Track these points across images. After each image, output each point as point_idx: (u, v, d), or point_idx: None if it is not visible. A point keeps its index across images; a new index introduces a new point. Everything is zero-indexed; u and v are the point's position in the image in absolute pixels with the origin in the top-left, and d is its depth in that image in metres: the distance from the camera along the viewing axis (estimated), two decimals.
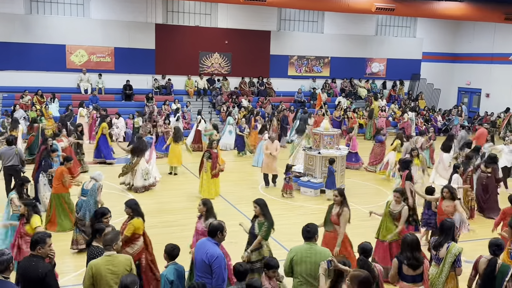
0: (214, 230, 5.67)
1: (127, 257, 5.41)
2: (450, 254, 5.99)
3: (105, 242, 5.36)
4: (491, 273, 5.74)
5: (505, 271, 5.73)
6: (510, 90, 26.72)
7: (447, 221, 6.33)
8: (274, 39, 26.42)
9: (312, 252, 5.56)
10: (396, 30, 29.24)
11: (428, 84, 29.60)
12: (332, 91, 27.41)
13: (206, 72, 25.53)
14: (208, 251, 5.50)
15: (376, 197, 13.37)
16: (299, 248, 5.67)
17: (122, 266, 5.24)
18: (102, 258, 5.30)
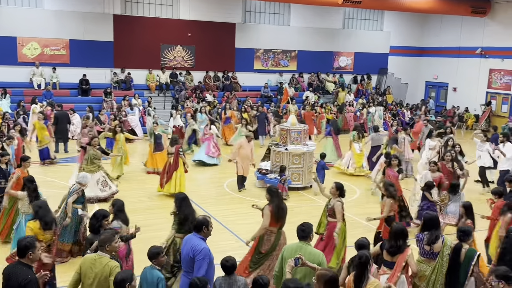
0: (200, 225, 5.65)
1: (110, 264, 5.07)
2: (446, 246, 6.06)
3: (100, 242, 5.22)
4: (456, 258, 5.90)
5: (472, 256, 5.87)
6: (477, 84, 26.65)
7: (428, 214, 6.45)
8: (239, 31, 25.57)
9: (302, 252, 5.44)
10: (363, 23, 28.82)
11: (396, 79, 29.31)
12: (299, 86, 26.79)
13: (168, 65, 24.46)
14: (193, 245, 5.49)
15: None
16: (291, 246, 5.71)
17: (100, 269, 5.03)
18: (91, 255, 5.23)
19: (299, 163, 13.13)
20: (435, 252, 6.14)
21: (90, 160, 11.30)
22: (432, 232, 6.19)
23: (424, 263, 6.24)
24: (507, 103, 25.42)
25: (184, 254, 5.64)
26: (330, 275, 4.49)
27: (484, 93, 26.43)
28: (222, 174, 14.80)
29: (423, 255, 6.29)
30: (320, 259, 5.49)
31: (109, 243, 5.19)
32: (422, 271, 6.16)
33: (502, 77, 25.54)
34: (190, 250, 5.52)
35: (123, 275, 4.67)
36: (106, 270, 5.03)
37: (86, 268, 5.11)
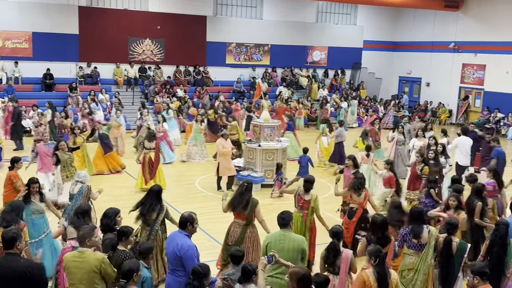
0: (185, 221, 5.58)
1: (98, 257, 5.07)
2: (432, 237, 6.22)
3: (80, 238, 5.20)
4: (447, 250, 6.14)
5: (464, 248, 6.14)
6: (450, 79, 26.65)
7: (416, 208, 6.57)
8: (211, 24, 24.90)
9: (285, 239, 5.72)
10: (336, 17, 28.50)
11: (370, 74, 29.12)
12: (272, 81, 26.31)
13: (136, 59, 23.62)
14: (178, 243, 5.44)
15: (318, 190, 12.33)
16: (273, 235, 5.88)
17: (88, 264, 5.00)
18: (73, 252, 5.25)
19: (273, 159, 12.73)
20: (423, 244, 6.24)
21: (67, 165, 10.50)
22: (415, 225, 6.28)
23: (413, 255, 6.30)
24: (479, 98, 25.48)
25: (170, 252, 5.53)
26: (303, 272, 4.55)
27: (457, 88, 26.46)
28: (193, 172, 14.33)
29: (411, 247, 6.33)
30: (303, 245, 5.75)
31: (89, 237, 5.18)
32: (411, 263, 6.26)
33: (475, 71, 25.57)
34: (175, 248, 5.43)
35: (131, 265, 4.74)
36: (96, 264, 5.03)
37: (70, 267, 5.09)
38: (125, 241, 5.63)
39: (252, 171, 12.74)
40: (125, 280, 4.67)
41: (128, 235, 5.65)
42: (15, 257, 4.86)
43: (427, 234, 6.21)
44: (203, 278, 4.72)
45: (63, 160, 10.47)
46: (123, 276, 4.69)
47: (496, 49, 24.06)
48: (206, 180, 13.42)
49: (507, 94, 23.63)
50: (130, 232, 5.69)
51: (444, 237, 6.22)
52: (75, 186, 8.11)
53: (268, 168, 12.73)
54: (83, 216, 6.33)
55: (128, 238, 5.64)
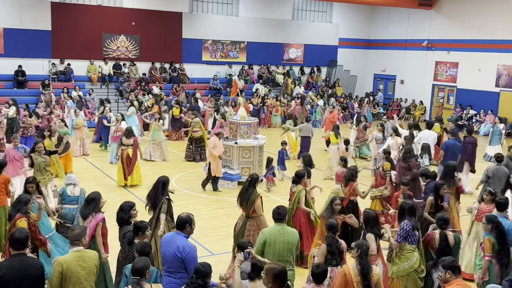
0: (183, 223, 5.53)
1: (95, 252, 5.32)
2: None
3: (73, 238, 5.19)
4: (446, 245, 6.21)
5: (460, 241, 6.39)
6: (423, 76, 27.05)
7: (406, 203, 6.62)
8: (186, 21, 24.71)
9: (284, 233, 5.85)
10: (312, 14, 28.61)
11: (345, 71, 29.35)
12: (249, 78, 26.28)
13: (111, 56, 23.28)
14: (179, 245, 5.37)
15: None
16: (271, 229, 5.97)
17: (91, 261, 5.16)
18: (71, 254, 5.16)
19: (249, 157, 12.74)
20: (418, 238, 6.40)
21: (40, 169, 9.77)
22: (413, 219, 6.40)
23: (415, 250, 6.32)
24: (452, 95, 25.93)
25: (169, 254, 5.43)
26: (279, 268, 4.58)
27: (430, 85, 26.86)
28: (170, 170, 14.07)
29: (413, 242, 6.32)
30: (297, 237, 5.98)
31: (84, 236, 5.29)
32: (418, 259, 6.27)
33: (448, 69, 26.00)
34: (176, 249, 5.36)
35: (143, 262, 4.80)
36: (96, 258, 5.24)
37: (72, 268, 5.05)
38: (141, 235, 5.78)
39: (229, 169, 12.71)
40: (138, 277, 4.71)
41: (144, 229, 5.81)
42: (26, 257, 4.91)
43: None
44: (206, 277, 4.74)
45: (37, 164, 9.79)
46: (136, 273, 4.73)
47: (468, 47, 24.51)
48: (184, 178, 13.33)
49: (479, 91, 24.11)
50: (146, 227, 5.86)
51: (439, 232, 6.32)
52: (73, 189, 7.87)
53: (245, 165, 12.71)
54: (90, 203, 6.64)
55: (144, 233, 5.80)
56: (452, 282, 4.99)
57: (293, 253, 5.88)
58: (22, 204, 6.47)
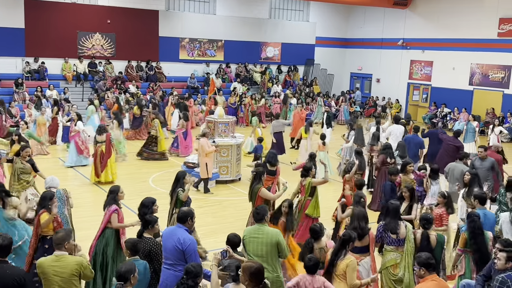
0: (185, 216, 5.65)
1: (77, 260, 5.06)
2: (409, 231, 6.39)
3: (56, 241, 5.08)
4: (427, 244, 6.26)
5: (443, 241, 6.41)
6: (399, 75, 27.41)
7: (391, 203, 6.63)
8: (163, 19, 24.52)
9: (260, 233, 5.80)
10: (289, 13, 28.70)
11: (322, 70, 29.54)
12: (227, 77, 26.22)
13: (86, 54, 22.95)
14: (180, 237, 5.46)
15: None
16: (249, 228, 6.06)
17: (68, 268, 4.96)
18: (49, 257, 5.09)
19: (227, 155, 12.68)
20: (401, 239, 6.39)
21: (16, 176, 9.16)
22: (391, 221, 6.45)
23: (393, 251, 6.42)
24: (427, 93, 26.34)
25: (170, 247, 5.50)
26: (255, 266, 4.59)
27: (405, 84, 27.23)
28: (146, 169, 14.06)
29: (390, 243, 6.46)
30: (277, 238, 5.76)
31: (68, 240, 5.14)
32: (393, 259, 6.38)
33: (422, 68, 26.40)
34: (177, 242, 5.44)
35: (127, 267, 4.72)
36: (77, 267, 5.01)
37: (47, 272, 4.98)
38: (151, 229, 5.90)
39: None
40: (122, 282, 4.63)
41: (154, 223, 5.93)
42: (6, 265, 4.81)
43: (404, 229, 6.38)
44: (197, 277, 4.74)
45: (15, 168, 9.21)
46: (120, 279, 4.64)
47: (442, 46, 24.92)
48: (160, 177, 13.22)
49: (453, 89, 24.55)
50: (155, 221, 5.96)
51: (421, 232, 6.37)
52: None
53: (223, 164, 12.68)
54: (109, 195, 6.83)
55: (153, 227, 5.92)
56: (426, 278, 5.09)
57: (273, 254, 5.75)
58: (47, 200, 6.48)
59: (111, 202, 6.76)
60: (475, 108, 23.25)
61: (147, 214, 6.29)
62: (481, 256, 6.34)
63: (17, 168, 9.21)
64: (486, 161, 10.01)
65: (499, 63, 22.73)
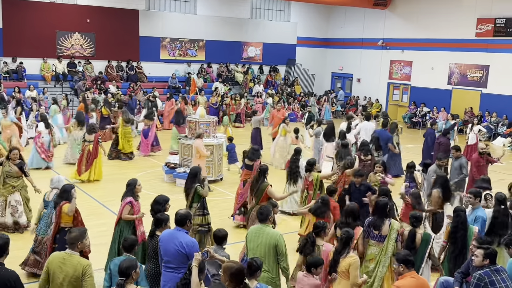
0: (184, 219, 5.66)
1: (82, 263, 4.99)
2: (393, 230, 6.45)
3: (70, 240, 5.11)
4: (412, 242, 6.37)
5: (428, 239, 6.40)
6: (379, 75, 27.68)
7: (380, 201, 6.68)
8: (143, 19, 24.36)
9: (260, 233, 5.85)
10: (270, 13, 28.77)
11: (303, 69, 29.67)
12: (208, 76, 26.16)
13: (65, 54, 22.68)
14: (182, 241, 5.47)
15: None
16: (252, 228, 6.10)
17: (72, 268, 4.93)
18: (61, 253, 5.12)
19: (209, 155, 12.62)
20: (383, 236, 6.48)
21: (2, 179, 8.80)
22: (377, 217, 6.54)
23: (375, 246, 6.54)
24: (407, 93, 26.65)
25: (172, 251, 5.49)
26: (236, 267, 4.57)
27: (386, 83, 27.51)
28: (126, 170, 13.92)
29: (373, 238, 6.57)
30: (277, 241, 5.76)
31: (81, 240, 5.14)
32: (373, 254, 6.50)
33: (402, 68, 26.71)
34: (179, 246, 5.45)
35: (128, 263, 4.76)
36: (79, 269, 4.94)
37: (54, 267, 5.00)
38: (164, 227, 6.01)
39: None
40: (124, 279, 4.66)
41: (166, 222, 6.06)
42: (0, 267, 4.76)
43: (388, 227, 6.45)
44: (200, 273, 4.82)
45: (3, 171, 8.82)
46: (121, 275, 4.69)
47: (421, 46, 25.25)
48: (142, 178, 13.10)
49: (432, 89, 24.89)
50: (167, 219, 6.09)
51: (409, 230, 6.50)
52: (50, 193, 7.56)
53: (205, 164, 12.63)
54: (126, 188, 7.09)
55: (166, 225, 6.05)
56: (405, 274, 5.15)
57: (271, 255, 5.75)
58: (68, 192, 6.71)
59: (128, 194, 7.00)
60: (454, 107, 23.60)
61: (160, 211, 6.39)
62: (454, 249, 6.57)
63: (3, 171, 8.86)
64: (457, 161, 10.38)
65: (477, 62, 23.11)
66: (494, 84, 22.50)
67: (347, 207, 6.73)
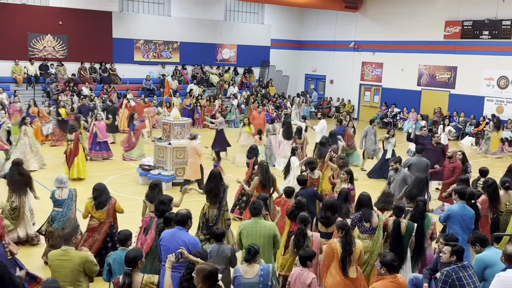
0: (185, 218, 5.83)
1: (81, 256, 5.34)
2: (381, 221, 6.75)
3: (64, 237, 5.40)
4: (397, 232, 6.67)
5: (411, 229, 6.70)
6: (351, 76, 28.16)
7: (363, 195, 6.92)
8: (117, 21, 24.26)
9: (257, 226, 6.25)
10: (244, 16, 28.98)
11: (277, 71, 29.96)
12: (183, 78, 26.20)
13: (37, 56, 22.43)
14: (185, 239, 5.62)
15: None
16: (246, 222, 6.44)
17: (71, 263, 5.26)
18: (57, 251, 5.42)
19: (183, 157, 12.75)
20: (374, 227, 6.69)
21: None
22: (366, 210, 6.75)
23: (367, 239, 6.69)
24: (378, 94, 27.19)
25: (174, 250, 5.44)
26: (208, 269, 4.54)
27: (357, 85, 28.01)
28: (101, 172, 13.87)
29: (364, 232, 6.73)
30: (274, 231, 6.27)
31: (74, 235, 5.47)
32: (367, 247, 6.60)
33: (373, 69, 27.24)
34: (183, 244, 5.54)
35: (135, 253, 5.04)
36: (77, 261, 5.30)
37: (55, 264, 5.34)
38: (172, 225, 6.16)
39: (163, 170, 12.71)
40: (130, 268, 4.95)
41: (174, 221, 6.15)
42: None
43: (377, 218, 6.73)
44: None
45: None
46: (128, 264, 4.97)
47: (392, 48, 25.81)
48: (116, 180, 13.15)
49: (402, 90, 25.47)
50: (175, 219, 6.18)
51: (393, 220, 6.77)
52: (61, 192, 7.78)
53: (179, 166, 12.74)
54: (154, 188, 7.44)
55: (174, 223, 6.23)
56: (386, 277, 5.21)
57: (269, 246, 6.26)
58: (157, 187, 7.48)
59: (160, 194, 7.42)
60: (423, 108, 24.21)
61: (166, 211, 6.60)
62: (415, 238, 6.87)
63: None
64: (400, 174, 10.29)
65: (445, 64, 23.76)
66: (462, 85, 23.17)
67: (326, 202, 6.98)
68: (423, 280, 6.01)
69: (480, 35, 22.22)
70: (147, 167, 12.95)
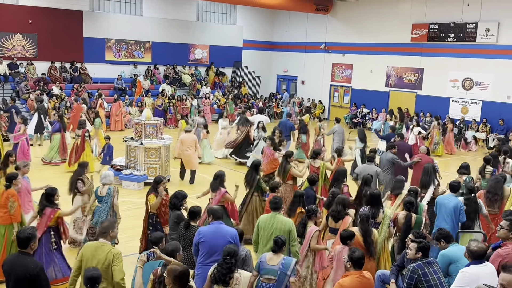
0: (220, 213, 6.25)
1: (113, 251, 5.26)
2: (386, 217, 7.19)
3: (102, 230, 5.43)
4: (409, 226, 6.99)
5: (420, 222, 7.08)
6: (322, 77, 28.62)
7: (374, 192, 7.36)
8: (87, 20, 24.08)
9: (274, 221, 6.51)
10: (217, 16, 29.12)
11: (250, 72, 30.20)
12: (155, 78, 26.18)
13: (6, 55, 22.10)
14: (228, 233, 5.94)
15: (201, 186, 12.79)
16: (265, 216, 6.74)
17: (102, 256, 5.21)
18: (94, 243, 5.42)
19: (156, 157, 12.84)
20: (378, 223, 7.16)
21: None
22: (374, 210, 7.20)
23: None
24: (348, 94, 27.72)
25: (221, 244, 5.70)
26: (179, 270, 4.52)
27: (328, 85, 28.49)
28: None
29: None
30: (290, 226, 6.47)
31: (112, 229, 5.46)
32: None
33: (343, 70, 27.76)
34: (230, 238, 5.88)
35: (173, 246, 5.27)
36: (109, 257, 5.20)
37: (88, 256, 5.27)
38: (198, 219, 6.62)
39: (135, 170, 12.75)
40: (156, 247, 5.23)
41: (199, 214, 6.61)
42: (26, 256, 5.03)
43: (382, 214, 7.20)
44: (237, 255, 5.31)
45: None
46: (153, 244, 5.37)
47: (361, 50, 26.36)
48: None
49: (371, 91, 26.05)
50: (200, 211, 6.63)
51: (405, 214, 7.16)
52: (102, 188, 8.13)
53: (151, 166, 12.78)
54: (216, 179, 8.08)
55: (201, 217, 6.71)
56: (352, 272, 5.25)
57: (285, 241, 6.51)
58: (156, 183, 7.66)
59: (222, 184, 8.08)
60: (392, 108, 24.78)
61: (177, 204, 7.00)
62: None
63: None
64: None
65: (412, 66, 24.42)
66: (428, 86, 23.85)
67: (338, 198, 7.27)
68: (390, 276, 6.14)
69: (445, 37, 22.91)
70: (119, 167, 12.98)
